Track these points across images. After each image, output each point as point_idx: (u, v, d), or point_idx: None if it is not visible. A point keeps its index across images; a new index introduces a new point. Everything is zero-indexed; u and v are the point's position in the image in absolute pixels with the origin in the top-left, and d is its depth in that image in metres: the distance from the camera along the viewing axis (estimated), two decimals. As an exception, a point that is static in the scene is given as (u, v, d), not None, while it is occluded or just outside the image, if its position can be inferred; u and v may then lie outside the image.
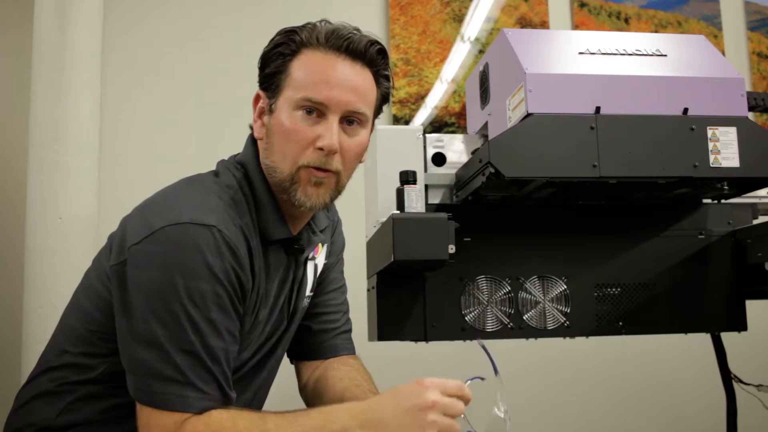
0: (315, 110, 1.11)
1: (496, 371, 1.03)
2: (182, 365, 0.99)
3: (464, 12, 2.72)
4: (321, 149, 1.10)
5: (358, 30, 1.16)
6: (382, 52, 1.17)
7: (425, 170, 1.38)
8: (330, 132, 1.10)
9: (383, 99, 1.22)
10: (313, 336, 1.35)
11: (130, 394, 1.05)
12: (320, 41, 1.13)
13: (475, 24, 2.71)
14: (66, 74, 2.18)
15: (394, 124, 2.59)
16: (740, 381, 1.56)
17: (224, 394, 1.04)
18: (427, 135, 1.39)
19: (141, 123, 2.51)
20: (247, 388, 1.23)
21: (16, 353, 2.08)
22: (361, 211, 1.52)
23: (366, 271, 1.44)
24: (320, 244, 1.33)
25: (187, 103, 2.51)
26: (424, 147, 1.38)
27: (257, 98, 1.19)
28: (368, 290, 1.42)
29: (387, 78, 1.20)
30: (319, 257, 1.33)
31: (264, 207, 1.15)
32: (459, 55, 2.68)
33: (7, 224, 2.46)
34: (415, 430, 0.93)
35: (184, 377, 0.99)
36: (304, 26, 1.15)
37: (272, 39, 1.17)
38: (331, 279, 1.39)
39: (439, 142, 1.40)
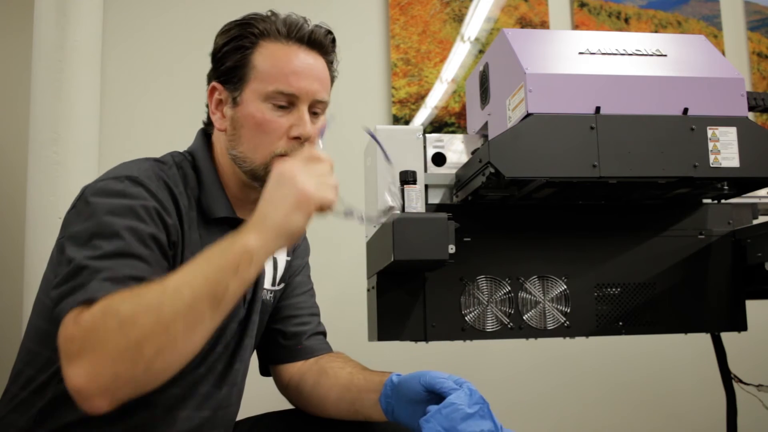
0: (286, 101, 1.15)
1: (387, 158, 1.10)
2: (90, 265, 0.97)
3: (464, 12, 2.72)
4: (297, 138, 1.15)
5: (306, 19, 1.20)
6: (334, 41, 1.23)
7: (425, 170, 1.38)
8: (304, 122, 1.15)
9: (331, 83, 1.27)
10: (288, 339, 1.36)
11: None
12: (281, 33, 1.17)
13: (475, 24, 2.71)
14: (66, 74, 2.18)
15: (394, 124, 2.59)
16: (740, 381, 1.57)
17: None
18: (427, 135, 1.39)
19: (141, 123, 2.51)
20: (223, 381, 1.23)
21: (17, 353, 2.08)
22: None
23: (366, 271, 1.44)
24: None
25: (187, 102, 2.50)
26: (424, 147, 1.38)
27: (213, 90, 1.20)
28: (368, 290, 1.42)
29: (332, 63, 1.25)
30: (278, 251, 1.33)
31: (207, 188, 1.18)
32: (459, 55, 2.68)
33: (7, 224, 2.46)
34: (299, 201, 0.99)
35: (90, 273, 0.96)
36: (256, 17, 1.18)
37: (226, 31, 1.20)
38: (298, 282, 1.40)
39: (439, 142, 1.40)
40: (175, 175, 1.16)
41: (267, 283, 1.30)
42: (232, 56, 1.17)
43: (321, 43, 1.19)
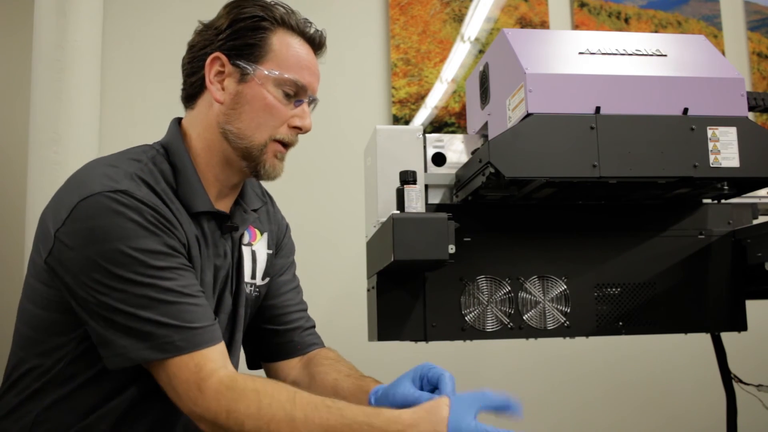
0: (294, 91, 1.20)
1: None
2: (148, 317, 1.02)
3: (464, 12, 2.72)
4: (298, 129, 1.20)
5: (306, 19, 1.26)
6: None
7: (425, 170, 1.38)
8: (307, 115, 1.21)
9: None
10: (280, 336, 1.36)
11: (94, 397, 1.08)
12: (298, 28, 1.21)
13: (475, 24, 2.71)
14: (66, 74, 2.18)
15: (394, 124, 2.59)
16: (740, 381, 1.57)
17: (208, 318, 1.07)
18: (427, 135, 1.39)
19: (141, 123, 2.51)
20: None
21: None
22: (361, 211, 1.52)
23: (366, 271, 1.44)
24: (258, 232, 1.33)
25: (187, 103, 2.51)
26: (424, 147, 1.38)
27: (215, 60, 1.20)
28: (368, 290, 1.42)
29: None
30: (258, 245, 1.32)
31: (184, 182, 1.18)
32: (459, 55, 2.68)
33: (7, 224, 2.46)
34: None
35: (160, 325, 1.02)
36: (273, 4, 1.22)
37: (240, 7, 1.21)
38: (284, 281, 1.39)
39: (439, 142, 1.40)
40: (153, 171, 1.15)
41: (247, 277, 1.30)
42: (249, 33, 1.19)
43: (323, 47, 1.24)
